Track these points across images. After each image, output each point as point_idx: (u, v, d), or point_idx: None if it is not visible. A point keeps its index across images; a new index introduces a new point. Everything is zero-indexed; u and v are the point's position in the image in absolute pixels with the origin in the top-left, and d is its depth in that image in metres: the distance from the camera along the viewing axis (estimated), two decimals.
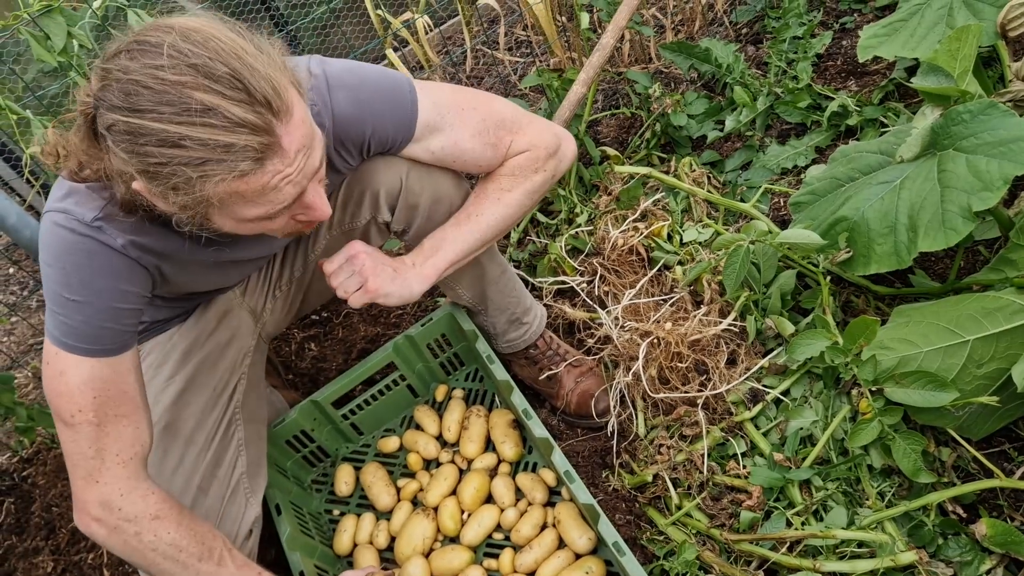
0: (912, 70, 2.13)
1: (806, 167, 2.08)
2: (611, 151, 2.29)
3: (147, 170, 0.96)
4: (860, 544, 1.38)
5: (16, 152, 2.47)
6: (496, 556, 1.63)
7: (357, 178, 1.46)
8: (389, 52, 2.75)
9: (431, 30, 2.98)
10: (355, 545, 1.74)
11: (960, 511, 1.40)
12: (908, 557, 1.31)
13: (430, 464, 1.86)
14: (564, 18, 2.66)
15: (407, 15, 2.94)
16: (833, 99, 2.13)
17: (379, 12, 2.83)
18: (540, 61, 2.92)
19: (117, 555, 1.25)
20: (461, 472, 1.79)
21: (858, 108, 2.09)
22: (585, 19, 2.23)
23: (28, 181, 1.97)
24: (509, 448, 1.76)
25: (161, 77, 0.92)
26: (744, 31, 2.66)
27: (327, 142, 1.26)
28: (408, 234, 1.54)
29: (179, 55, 0.93)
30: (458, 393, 1.94)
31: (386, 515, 1.78)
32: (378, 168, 1.42)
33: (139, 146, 0.94)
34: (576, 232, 2.10)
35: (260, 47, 1.00)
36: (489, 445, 1.82)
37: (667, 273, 1.90)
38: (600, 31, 2.74)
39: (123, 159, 0.97)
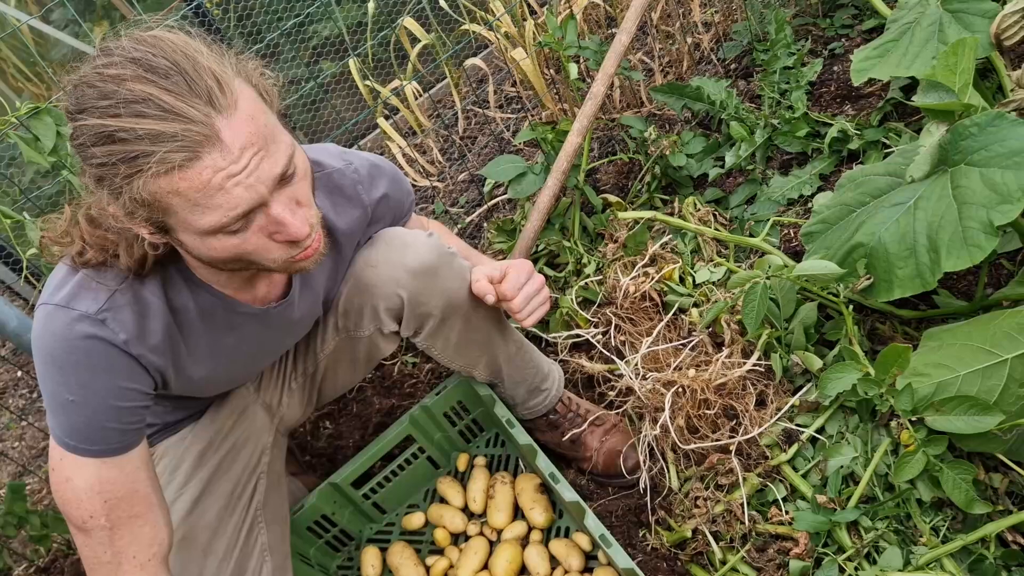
0: (907, 89, 2.10)
1: (812, 196, 2.04)
2: (612, 198, 2.25)
3: (97, 176, 0.94)
4: None
5: (14, 255, 2.45)
6: None
7: (357, 289, 1.45)
8: (381, 121, 2.75)
9: (420, 95, 2.98)
10: None
11: (1021, 540, 1.33)
12: None
13: (458, 538, 1.79)
14: (552, 71, 2.65)
15: (395, 83, 2.95)
16: (831, 125, 2.10)
17: (367, 83, 2.83)
18: (532, 115, 2.91)
19: None
20: (491, 544, 1.72)
21: (858, 132, 2.06)
22: (574, 70, 2.21)
23: (28, 282, 1.95)
24: (539, 514, 1.69)
25: (102, 73, 0.90)
26: (733, 67, 2.65)
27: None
28: (420, 335, 1.51)
29: (123, 52, 0.92)
30: (480, 461, 1.87)
31: None
32: (374, 283, 1.42)
33: (85, 149, 0.92)
34: (586, 283, 2.06)
35: (218, 51, 0.97)
36: (518, 512, 1.75)
37: (683, 316, 1.85)
38: (588, 80, 2.74)
39: (82, 172, 0.96)
